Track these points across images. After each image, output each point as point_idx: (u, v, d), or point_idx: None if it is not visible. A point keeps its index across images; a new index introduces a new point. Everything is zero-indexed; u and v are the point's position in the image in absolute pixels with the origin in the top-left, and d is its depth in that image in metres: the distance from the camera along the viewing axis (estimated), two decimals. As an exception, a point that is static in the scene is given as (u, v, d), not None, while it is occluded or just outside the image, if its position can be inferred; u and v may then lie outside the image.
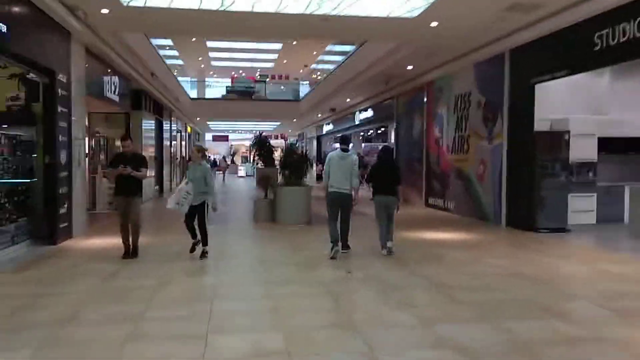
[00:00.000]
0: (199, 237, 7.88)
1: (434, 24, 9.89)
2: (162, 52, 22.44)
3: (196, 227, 7.85)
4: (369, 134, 31.23)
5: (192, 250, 7.86)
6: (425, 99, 15.62)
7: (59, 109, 8.83)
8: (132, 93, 15.56)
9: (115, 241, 8.28)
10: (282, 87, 43.34)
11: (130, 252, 7.71)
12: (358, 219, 10.50)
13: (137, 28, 11.15)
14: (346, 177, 7.64)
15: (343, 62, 20.12)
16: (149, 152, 18.47)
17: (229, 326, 4.61)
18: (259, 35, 13.93)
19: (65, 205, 9.21)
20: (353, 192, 7.74)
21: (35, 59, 8.09)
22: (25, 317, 4.83)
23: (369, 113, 22.11)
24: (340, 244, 7.85)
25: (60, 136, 8.91)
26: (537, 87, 10.26)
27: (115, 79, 13.09)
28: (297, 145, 48.05)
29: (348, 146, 7.89)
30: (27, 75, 9.04)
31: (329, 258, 7.56)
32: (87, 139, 14.49)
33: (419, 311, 5.01)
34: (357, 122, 24.20)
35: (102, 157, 14.29)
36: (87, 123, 14.59)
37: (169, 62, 24.56)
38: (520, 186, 10.61)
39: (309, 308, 5.16)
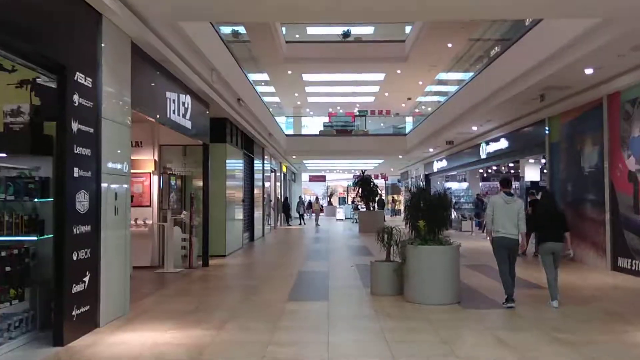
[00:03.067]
0: None
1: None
2: (258, 89, 19.80)
3: None
4: (491, 170, 26.61)
5: None
6: (605, 118, 11.08)
7: (75, 126, 5.57)
8: (212, 121, 12.53)
9: (166, 338, 4.83)
10: (382, 124, 39.96)
11: None
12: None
13: (200, 13, 7.80)
14: (513, 222, 7.36)
15: (470, 80, 16.09)
16: (235, 195, 15.34)
17: None
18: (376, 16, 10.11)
19: (86, 279, 5.85)
20: (520, 238, 7.44)
21: (31, 47, 4.92)
22: None
23: (502, 144, 17.62)
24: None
25: (77, 170, 5.63)
26: None
27: (186, 98, 9.99)
28: (400, 185, 43.98)
29: (510, 189, 7.89)
30: (38, 80, 6.01)
31: (506, 307, 7.13)
32: (155, 176, 11.56)
33: None
34: (483, 156, 19.73)
35: (173, 199, 11.17)
36: (156, 157, 11.73)
37: (264, 99, 21.89)
38: None
39: None
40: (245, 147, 17.37)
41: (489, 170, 26.84)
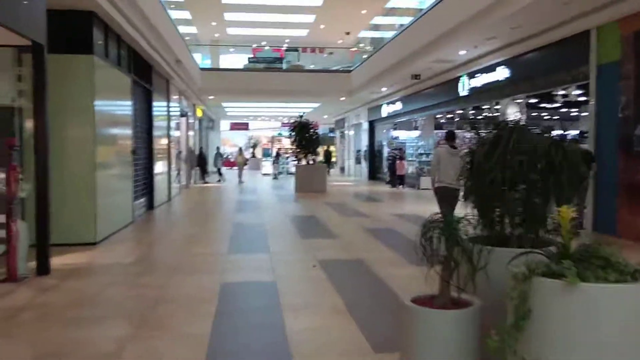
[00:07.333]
0: None
1: None
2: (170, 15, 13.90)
3: None
4: (460, 112, 22.13)
5: None
6: None
7: None
8: (65, 14, 6.81)
9: None
10: (312, 65, 34.87)
11: None
12: None
13: None
14: (457, 172, 5.91)
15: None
16: (117, 144, 9.77)
17: None
18: None
19: None
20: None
21: None
22: None
23: (498, 74, 12.93)
24: None
25: None
26: None
27: None
28: (333, 135, 39.14)
29: (454, 142, 8.11)
30: None
31: None
32: None
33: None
34: (463, 93, 15.08)
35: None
36: None
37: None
38: None
39: None
40: (136, 72, 11.57)
41: (453, 115, 22.44)
